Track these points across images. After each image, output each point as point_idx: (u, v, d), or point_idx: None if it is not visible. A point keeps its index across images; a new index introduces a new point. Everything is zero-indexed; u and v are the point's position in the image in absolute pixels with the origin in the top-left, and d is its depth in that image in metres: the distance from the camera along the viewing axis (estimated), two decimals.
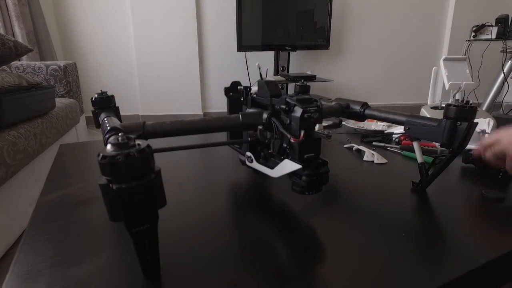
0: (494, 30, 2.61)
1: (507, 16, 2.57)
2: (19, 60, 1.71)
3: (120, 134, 0.25)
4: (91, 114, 0.50)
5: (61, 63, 1.66)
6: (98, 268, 0.32)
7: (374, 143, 0.75)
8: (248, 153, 0.48)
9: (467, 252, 0.35)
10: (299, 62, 2.91)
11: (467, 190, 0.52)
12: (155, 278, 0.30)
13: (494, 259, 0.34)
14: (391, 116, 0.49)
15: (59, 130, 1.35)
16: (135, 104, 2.74)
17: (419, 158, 0.49)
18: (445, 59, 1.01)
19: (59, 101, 1.50)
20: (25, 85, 1.18)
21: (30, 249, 0.35)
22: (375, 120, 0.77)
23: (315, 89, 2.89)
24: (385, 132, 0.80)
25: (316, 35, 2.63)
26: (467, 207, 0.46)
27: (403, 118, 0.48)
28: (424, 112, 0.98)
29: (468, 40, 2.74)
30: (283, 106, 0.39)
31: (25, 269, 0.32)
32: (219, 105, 2.89)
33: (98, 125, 0.46)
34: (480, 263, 0.33)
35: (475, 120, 0.41)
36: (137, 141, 0.26)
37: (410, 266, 0.32)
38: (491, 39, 2.62)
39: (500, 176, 0.55)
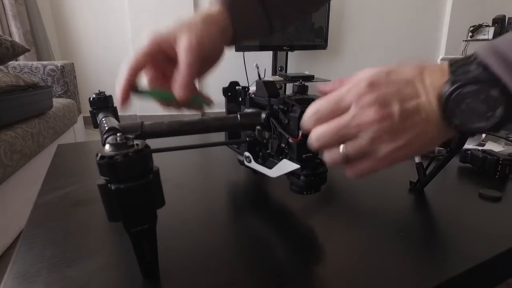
0: (491, 30, 2.62)
1: (504, 16, 2.59)
2: (16, 60, 1.70)
3: (118, 134, 0.25)
4: (88, 114, 0.50)
5: (59, 63, 1.66)
6: (96, 269, 0.32)
7: None
8: (247, 153, 0.48)
9: (464, 251, 0.35)
10: (297, 62, 2.92)
11: (464, 189, 0.53)
12: (153, 278, 0.30)
13: (491, 258, 0.34)
14: None
15: (57, 130, 1.34)
16: (133, 104, 2.73)
17: (417, 157, 0.49)
18: (442, 59, 1.02)
19: (57, 101, 1.49)
20: (22, 85, 1.18)
21: (28, 250, 0.35)
22: None
23: (313, 89, 2.89)
24: None
25: (314, 35, 2.63)
26: (464, 206, 0.46)
27: None
28: None
29: (466, 40, 2.75)
30: (281, 106, 0.39)
31: (23, 270, 0.32)
32: (217, 105, 2.88)
33: (96, 125, 0.46)
34: (477, 262, 0.33)
35: None
36: (136, 141, 0.26)
37: (408, 265, 0.33)
38: (488, 39, 2.63)
39: (497, 176, 0.55)
